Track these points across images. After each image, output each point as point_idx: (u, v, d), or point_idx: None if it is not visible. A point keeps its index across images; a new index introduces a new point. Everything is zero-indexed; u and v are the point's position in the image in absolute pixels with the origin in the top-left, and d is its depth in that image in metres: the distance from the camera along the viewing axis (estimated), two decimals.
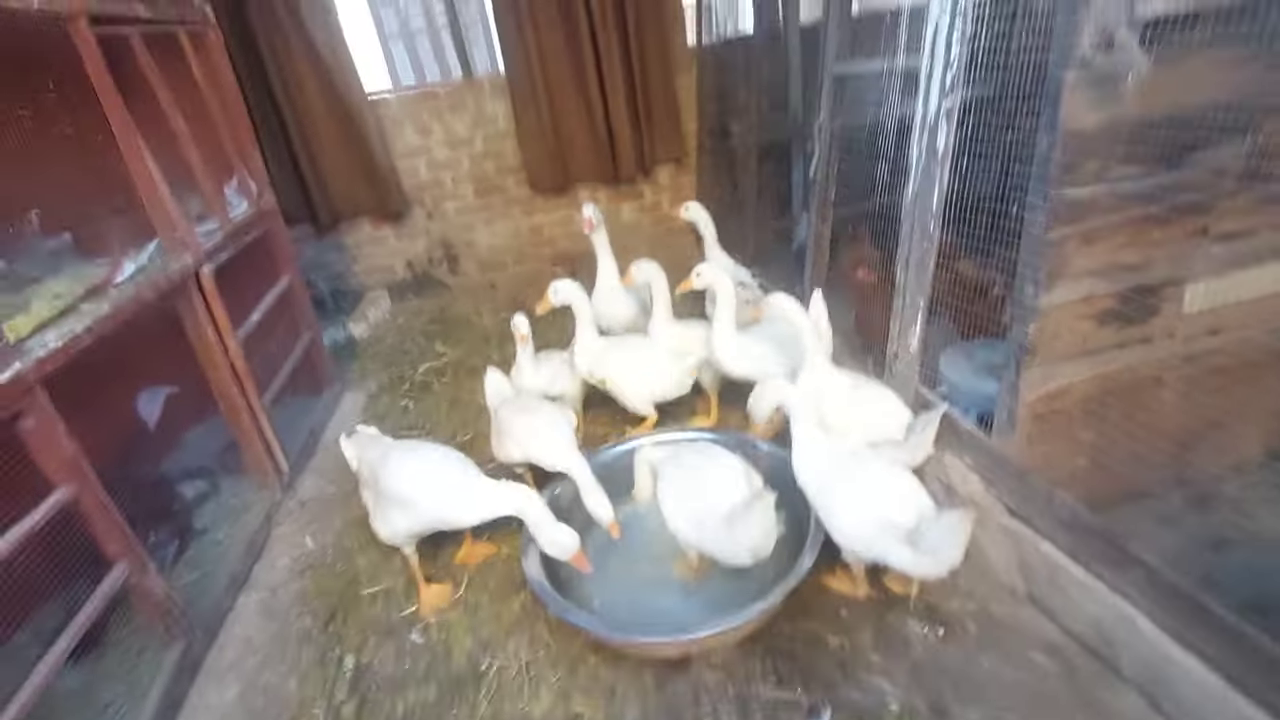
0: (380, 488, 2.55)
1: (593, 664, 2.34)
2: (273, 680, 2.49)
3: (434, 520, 2.51)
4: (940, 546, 2.00)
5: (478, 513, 2.48)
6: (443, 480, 2.50)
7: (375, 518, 2.64)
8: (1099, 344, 2.24)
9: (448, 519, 2.50)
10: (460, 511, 2.48)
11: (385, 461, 2.58)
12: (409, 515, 2.50)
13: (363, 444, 2.84)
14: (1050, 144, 1.91)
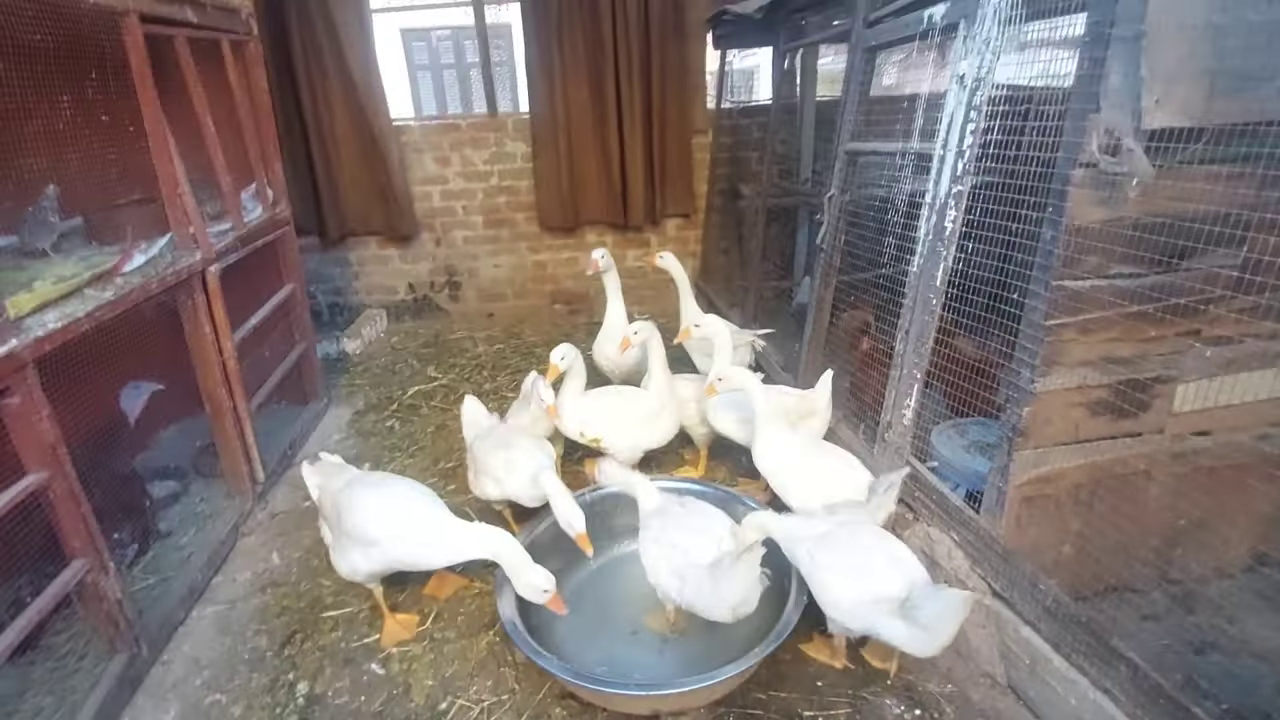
0: (342, 526, 2.41)
1: (558, 716, 2.25)
2: (217, 704, 2.37)
3: (397, 562, 2.37)
4: (936, 623, 1.96)
5: (447, 555, 2.37)
6: (409, 521, 2.35)
7: (334, 553, 2.48)
8: (1090, 433, 2.27)
9: (413, 562, 2.37)
10: (428, 554, 2.36)
11: (349, 497, 2.43)
12: (371, 557, 2.36)
13: (326, 472, 2.67)
14: (1054, 237, 1.98)
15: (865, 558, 2.13)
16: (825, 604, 2.18)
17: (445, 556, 2.38)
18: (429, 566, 2.45)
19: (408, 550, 2.35)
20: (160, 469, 3.47)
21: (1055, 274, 1.99)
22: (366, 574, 2.45)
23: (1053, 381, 2.13)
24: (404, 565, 2.40)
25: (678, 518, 2.36)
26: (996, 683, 2.27)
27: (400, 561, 2.38)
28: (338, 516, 2.45)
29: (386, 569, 2.43)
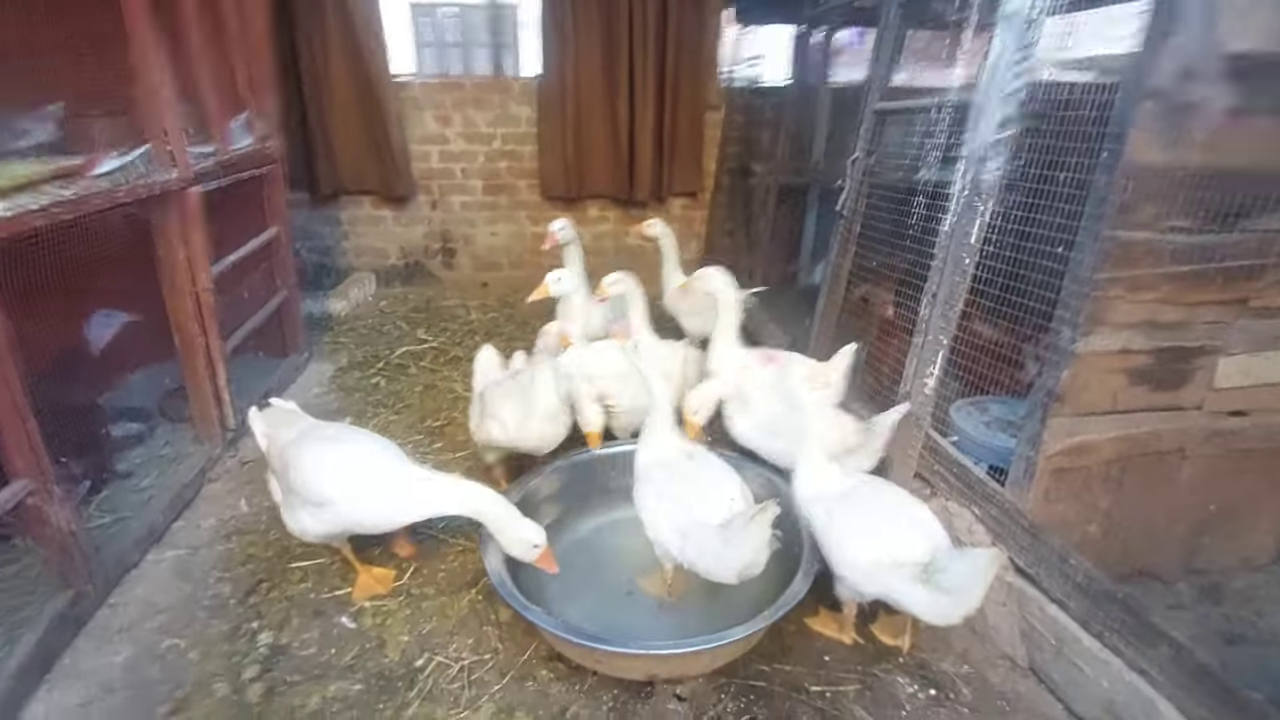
0: (289, 482, 2.15)
1: (544, 678, 2.07)
2: (174, 648, 2.16)
3: (354, 524, 2.13)
4: (961, 587, 1.81)
5: (413, 513, 2.13)
6: (367, 477, 2.10)
7: (283, 510, 2.24)
8: (1127, 403, 2.13)
9: (374, 523, 2.14)
10: (390, 514, 2.12)
11: (298, 451, 2.17)
12: (322, 518, 2.12)
13: (276, 421, 2.40)
14: (1108, 182, 1.84)
15: (887, 518, 1.98)
16: (839, 564, 2.02)
17: (410, 514, 2.14)
18: (391, 527, 2.19)
19: (366, 511, 2.10)
20: (124, 410, 3.24)
21: (1108, 222, 1.85)
22: (318, 535, 2.21)
23: (1095, 343, 1.99)
24: (363, 528, 2.15)
25: (685, 472, 2.19)
26: (1017, 665, 2.12)
27: (358, 524, 2.13)
28: (285, 470, 2.18)
29: (341, 531, 2.19)
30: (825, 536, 2.05)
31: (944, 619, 1.90)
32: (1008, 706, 2.00)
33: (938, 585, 1.87)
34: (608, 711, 1.96)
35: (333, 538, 2.27)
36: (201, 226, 2.87)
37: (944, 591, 1.86)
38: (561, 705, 1.98)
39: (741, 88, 5.74)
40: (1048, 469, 2.13)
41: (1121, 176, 1.80)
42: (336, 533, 2.20)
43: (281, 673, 2.08)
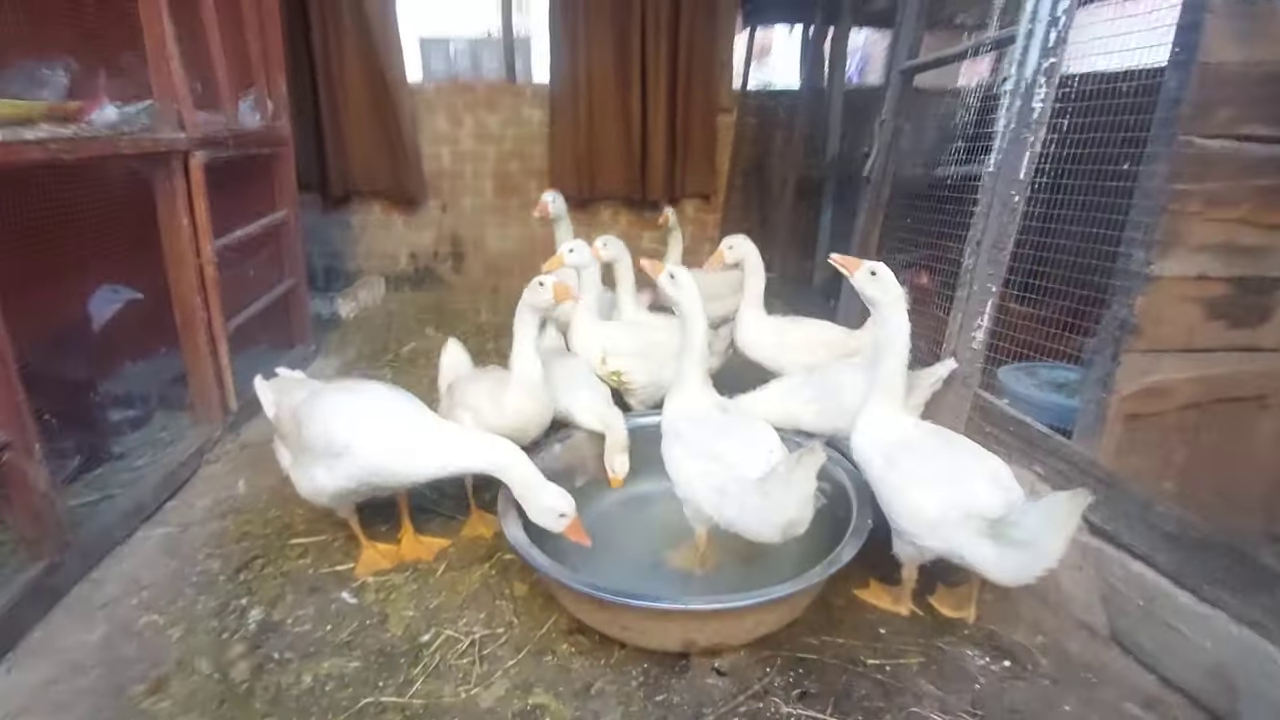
0: (302, 437, 2.00)
1: (565, 653, 1.85)
2: (153, 624, 1.95)
3: (370, 473, 1.93)
4: (1035, 541, 1.59)
5: (434, 465, 1.93)
6: (385, 421, 1.95)
7: (294, 472, 2.08)
8: (1204, 341, 1.94)
9: (391, 472, 1.93)
10: (409, 463, 1.93)
11: (313, 403, 2.04)
12: (337, 471, 1.93)
13: (285, 388, 2.28)
14: (1181, 82, 1.69)
15: (958, 467, 1.77)
16: (900, 515, 1.81)
17: (432, 466, 1.95)
18: (410, 479, 1.98)
19: (383, 458, 1.92)
20: (122, 397, 3.09)
21: (1181, 126, 1.69)
22: (333, 493, 2.01)
23: (1170, 266, 1.81)
24: (379, 480, 1.96)
25: (720, 426, 1.99)
26: (1096, 633, 1.88)
27: (375, 473, 1.94)
28: (298, 429, 2.03)
29: (357, 485, 1.98)
30: (882, 484, 1.84)
31: (1016, 578, 1.68)
32: (1094, 678, 1.75)
33: (1009, 539, 1.65)
34: (638, 686, 1.74)
35: (347, 496, 2.05)
36: (206, 194, 2.76)
37: (1016, 546, 1.64)
38: (585, 681, 1.75)
39: (754, 90, 5.72)
40: (1120, 414, 1.92)
41: (1196, 73, 1.65)
42: (352, 488, 1.98)
43: (271, 650, 1.87)
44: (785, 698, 1.68)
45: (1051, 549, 1.60)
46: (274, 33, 3.40)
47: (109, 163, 2.43)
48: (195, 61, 2.82)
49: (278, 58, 3.47)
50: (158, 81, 2.50)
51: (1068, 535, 1.59)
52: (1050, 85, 2.08)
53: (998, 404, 2.28)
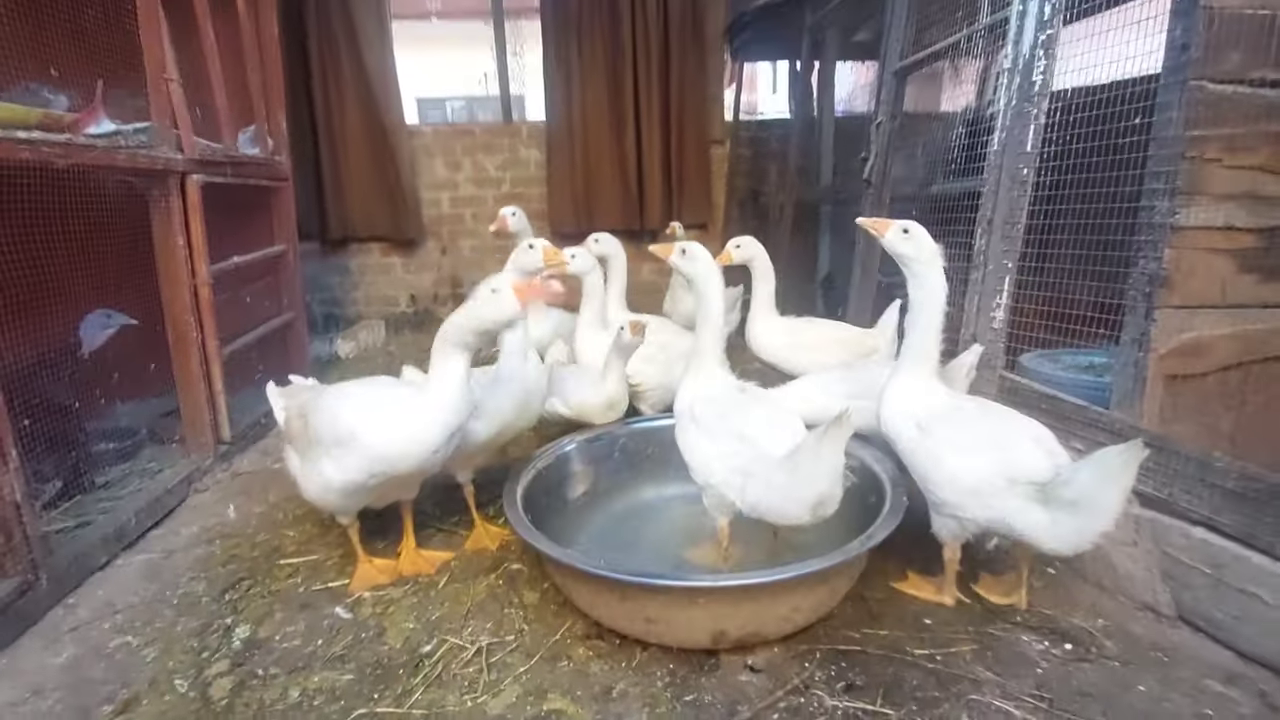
0: (310, 430, 1.90)
1: (581, 657, 1.68)
2: (125, 646, 1.79)
3: (379, 461, 1.80)
4: (1087, 500, 1.47)
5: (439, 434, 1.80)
6: (393, 406, 1.84)
7: (302, 474, 1.95)
8: (1239, 296, 1.86)
9: (400, 454, 1.80)
10: (419, 448, 1.80)
11: (321, 396, 1.97)
12: (345, 463, 1.81)
13: (295, 394, 2.25)
14: (1186, 29, 1.68)
15: (999, 431, 1.65)
16: (938, 486, 1.67)
17: (436, 437, 1.81)
18: (419, 465, 1.84)
19: (392, 444, 1.81)
20: (111, 430, 2.97)
21: (1192, 70, 1.67)
22: (340, 489, 1.87)
23: (1195, 216, 1.75)
24: (389, 468, 1.83)
25: (740, 406, 1.88)
26: (1161, 613, 1.72)
27: (384, 460, 1.82)
28: (304, 423, 1.94)
29: (366, 479, 1.84)
30: (916, 454, 1.72)
31: (1071, 544, 1.55)
32: (1165, 658, 1.58)
33: (1060, 500, 1.52)
34: (664, 687, 1.56)
35: (352, 494, 1.89)
36: (203, 216, 2.73)
37: (1067, 508, 1.52)
38: (604, 684, 1.58)
39: (745, 121, 5.86)
40: (1159, 375, 1.82)
41: (1200, 15, 1.63)
42: (360, 481, 1.83)
43: (255, 666, 1.70)
44: (829, 691, 1.51)
45: (1107, 507, 1.47)
46: (274, 71, 3.47)
47: (105, 180, 2.41)
48: (196, 89, 2.86)
49: (278, 96, 3.53)
50: (157, 103, 2.51)
51: (1124, 491, 1.46)
52: (1049, 58, 2.08)
53: (1024, 382, 2.18)
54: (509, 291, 1.78)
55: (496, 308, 1.78)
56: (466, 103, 12.51)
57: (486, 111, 10.61)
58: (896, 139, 2.98)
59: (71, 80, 2.52)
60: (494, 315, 1.79)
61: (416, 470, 1.88)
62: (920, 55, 2.79)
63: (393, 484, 1.92)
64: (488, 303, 1.79)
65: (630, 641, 1.70)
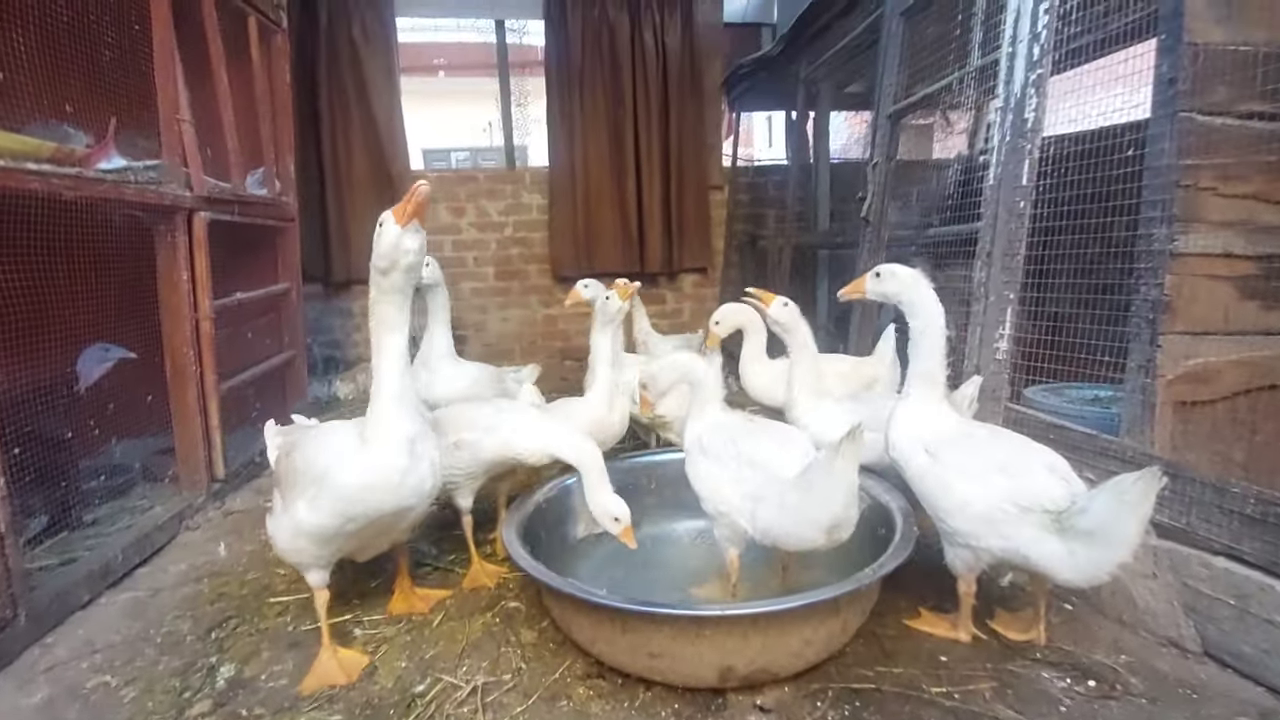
0: (291, 464, 1.76)
1: (581, 697, 1.60)
2: (103, 686, 1.70)
3: (352, 503, 1.62)
4: (1104, 529, 1.42)
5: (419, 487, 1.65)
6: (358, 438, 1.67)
7: (273, 519, 1.78)
8: (1242, 323, 1.86)
9: (368, 491, 1.61)
10: (378, 473, 1.61)
11: (305, 434, 1.84)
12: (320, 505, 1.63)
13: (290, 432, 2.10)
14: (1172, 64, 1.73)
15: (1012, 457, 1.62)
16: (949, 514, 1.63)
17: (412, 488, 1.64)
18: (397, 504, 1.64)
19: (359, 483, 1.60)
20: (104, 466, 2.92)
21: (1180, 103, 1.71)
22: (313, 531, 1.65)
23: (1194, 243, 1.76)
24: (361, 509, 1.63)
25: (749, 431, 1.85)
26: (1186, 649, 1.65)
27: (354, 501, 1.62)
28: (288, 461, 1.80)
29: (342, 522, 1.64)
30: (925, 480, 1.68)
31: (1089, 576, 1.49)
32: (1194, 695, 1.51)
33: (1075, 530, 1.48)
34: None
35: (325, 542, 1.71)
36: (208, 252, 2.76)
37: (1084, 538, 1.47)
38: None
39: (743, 168, 6.00)
40: (1169, 402, 1.80)
41: (1184, 56, 1.69)
42: (334, 526, 1.65)
43: (239, 707, 1.61)
44: None
45: (1125, 538, 1.42)
46: (285, 116, 3.58)
47: (111, 214, 2.44)
48: (209, 131, 2.93)
49: (287, 140, 3.63)
50: (169, 141, 2.57)
51: (1142, 521, 1.41)
52: (1040, 95, 2.14)
53: (1031, 413, 2.15)
54: (387, 216, 1.60)
55: (381, 236, 1.58)
56: (471, 154, 12.86)
57: (490, 162, 10.89)
58: (892, 181, 3.04)
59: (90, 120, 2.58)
60: (384, 246, 1.57)
61: (396, 507, 1.65)
62: (913, 99, 2.87)
63: (374, 529, 1.72)
64: (376, 239, 1.60)
65: (633, 681, 1.62)
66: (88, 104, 2.43)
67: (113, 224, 2.48)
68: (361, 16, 5.10)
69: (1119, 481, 1.43)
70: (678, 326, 5.94)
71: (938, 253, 2.69)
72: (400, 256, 1.58)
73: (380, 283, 1.61)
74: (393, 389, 1.63)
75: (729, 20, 5.76)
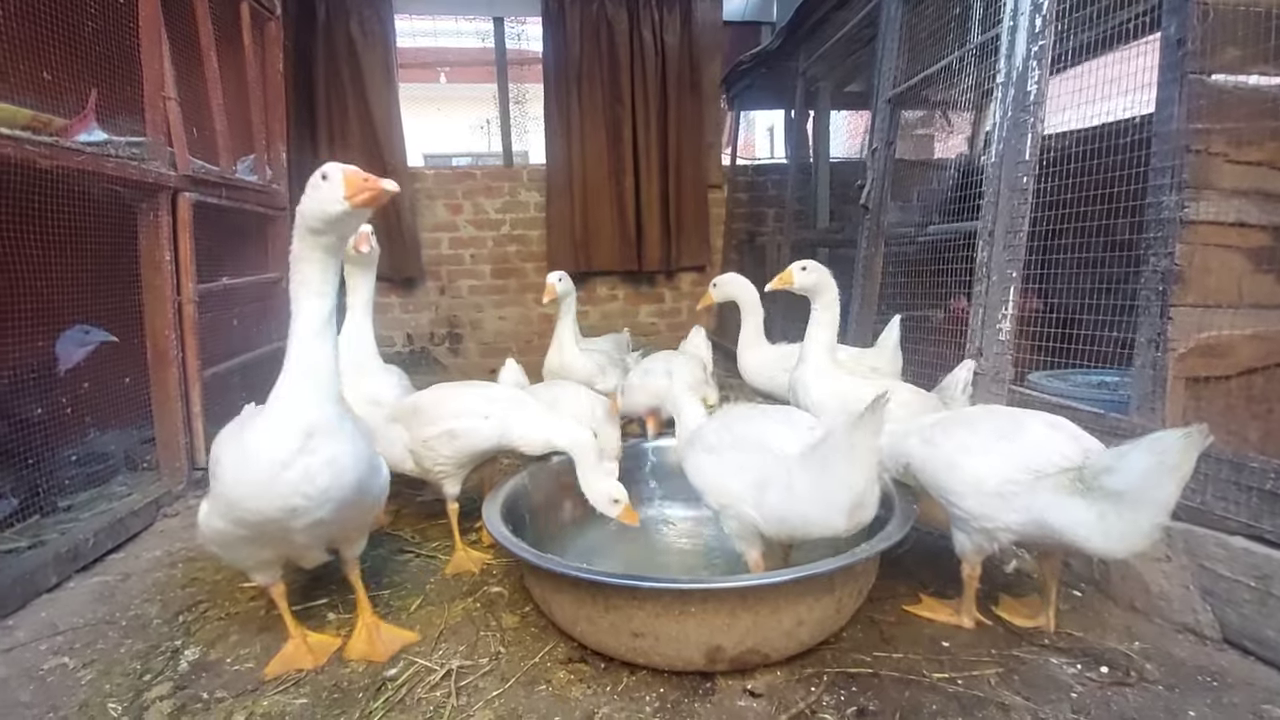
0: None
1: (561, 680, 1.51)
2: (60, 668, 1.62)
3: (233, 506, 1.39)
4: (1139, 489, 1.29)
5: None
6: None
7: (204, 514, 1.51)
8: (1257, 295, 1.78)
9: (247, 491, 1.37)
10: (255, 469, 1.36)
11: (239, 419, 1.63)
12: (215, 502, 1.45)
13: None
14: (1180, 24, 1.67)
15: (1014, 424, 1.53)
16: (957, 493, 1.54)
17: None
18: (283, 502, 1.35)
19: (237, 476, 1.38)
20: (85, 455, 2.84)
21: (1188, 64, 1.64)
22: (214, 538, 1.46)
23: (1205, 210, 1.69)
24: (244, 514, 1.38)
25: (746, 417, 1.74)
26: (1205, 636, 1.55)
27: (233, 502, 1.38)
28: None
29: (233, 526, 1.42)
30: (926, 471, 1.59)
31: (1123, 543, 1.35)
32: (1214, 682, 1.42)
33: (1106, 490, 1.35)
34: (653, 713, 1.39)
35: (232, 545, 1.47)
36: (192, 234, 2.70)
37: (1116, 499, 1.33)
38: (586, 710, 1.41)
39: (742, 166, 5.96)
40: (1180, 377, 1.72)
41: (1193, 16, 1.62)
42: (229, 529, 1.43)
43: (200, 690, 1.53)
44: (838, 715, 1.34)
45: (1164, 498, 1.29)
46: (277, 103, 3.54)
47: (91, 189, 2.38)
48: (196, 112, 2.89)
49: (280, 127, 3.58)
50: (153, 119, 2.52)
51: (1181, 482, 1.28)
52: (1043, 68, 2.08)
53: (1037, 394, 2.07)
54: (338, 176, 1.30)
55: (319, 197, 1.32)
56: (472, 159, 12.88)
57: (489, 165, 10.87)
58: (892, 175, 2.98)
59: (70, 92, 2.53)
60: (323, 209, 1.31)
61: (280, 510, 1.35)
62: (913, 81, 2.82)
63: (272, 538, 1.43)
64: (313, 190, 1.33)
65: (617, 665, 1.53)
66: (68, 74, 2.37)
67: (92, 202, 2.42)
68: (360, 12, 5.08)
69: (1159, 438, 1.30)
70: (676, 325, 5.88)
71: (937, 247, 2.62)
72: (326, 224, 1.32)
73: (307, 239, 1.35)
74: (302, 364, 1.36)
75: (728, 18, 5.74)
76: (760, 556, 1.67)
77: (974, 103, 2.63)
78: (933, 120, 3.34)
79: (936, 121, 3.27)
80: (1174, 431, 1.28)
